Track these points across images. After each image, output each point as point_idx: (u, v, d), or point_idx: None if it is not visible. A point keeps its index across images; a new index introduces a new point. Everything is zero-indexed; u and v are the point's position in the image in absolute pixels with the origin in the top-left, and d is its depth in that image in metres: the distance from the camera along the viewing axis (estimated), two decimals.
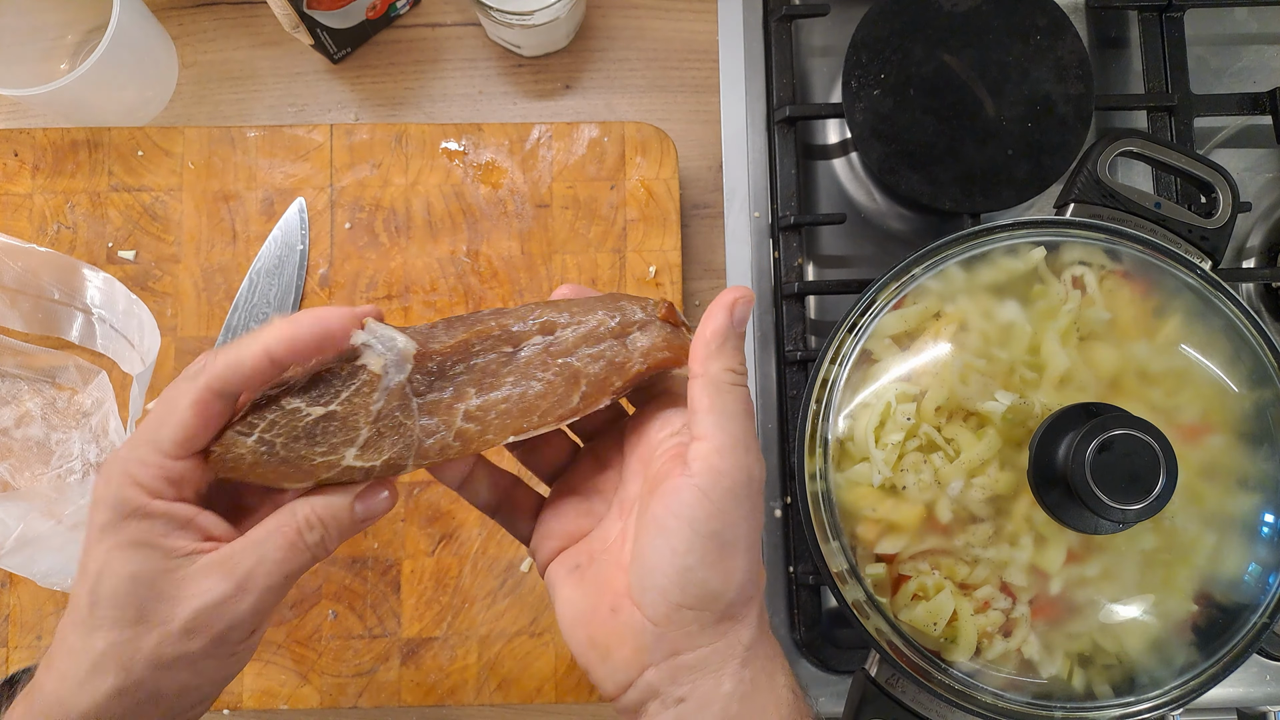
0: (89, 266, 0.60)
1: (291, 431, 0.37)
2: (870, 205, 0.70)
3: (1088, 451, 0.43)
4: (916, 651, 0.48)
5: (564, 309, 0.41)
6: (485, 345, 0.40)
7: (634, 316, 0.41)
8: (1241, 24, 0.73)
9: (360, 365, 0.37)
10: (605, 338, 0.40)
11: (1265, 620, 0.48)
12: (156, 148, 0.64)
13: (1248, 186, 0.71)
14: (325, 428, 0.37)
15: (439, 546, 0.61)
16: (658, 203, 0.64)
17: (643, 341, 0.40)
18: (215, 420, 0.37)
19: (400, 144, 0.64)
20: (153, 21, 0.65)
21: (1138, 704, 0.48)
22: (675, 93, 0.70)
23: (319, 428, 0.37)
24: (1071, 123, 0.63)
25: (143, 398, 0.57)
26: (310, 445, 0.37)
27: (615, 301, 0.41)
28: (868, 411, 0.49)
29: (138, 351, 0.59)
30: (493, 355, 0.40)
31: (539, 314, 0.41)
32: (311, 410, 0.37)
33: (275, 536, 0.36)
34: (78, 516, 0.56)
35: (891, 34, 0.63)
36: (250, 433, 0.37)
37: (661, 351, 0.40)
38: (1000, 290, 0.50)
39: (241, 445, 0.37)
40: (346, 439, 0.37)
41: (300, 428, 0.37)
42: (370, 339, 0.38)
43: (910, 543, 0.48)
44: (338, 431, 0.37)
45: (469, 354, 0.40)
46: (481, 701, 0.59)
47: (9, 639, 0.59)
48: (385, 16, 0.68)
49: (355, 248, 0.63)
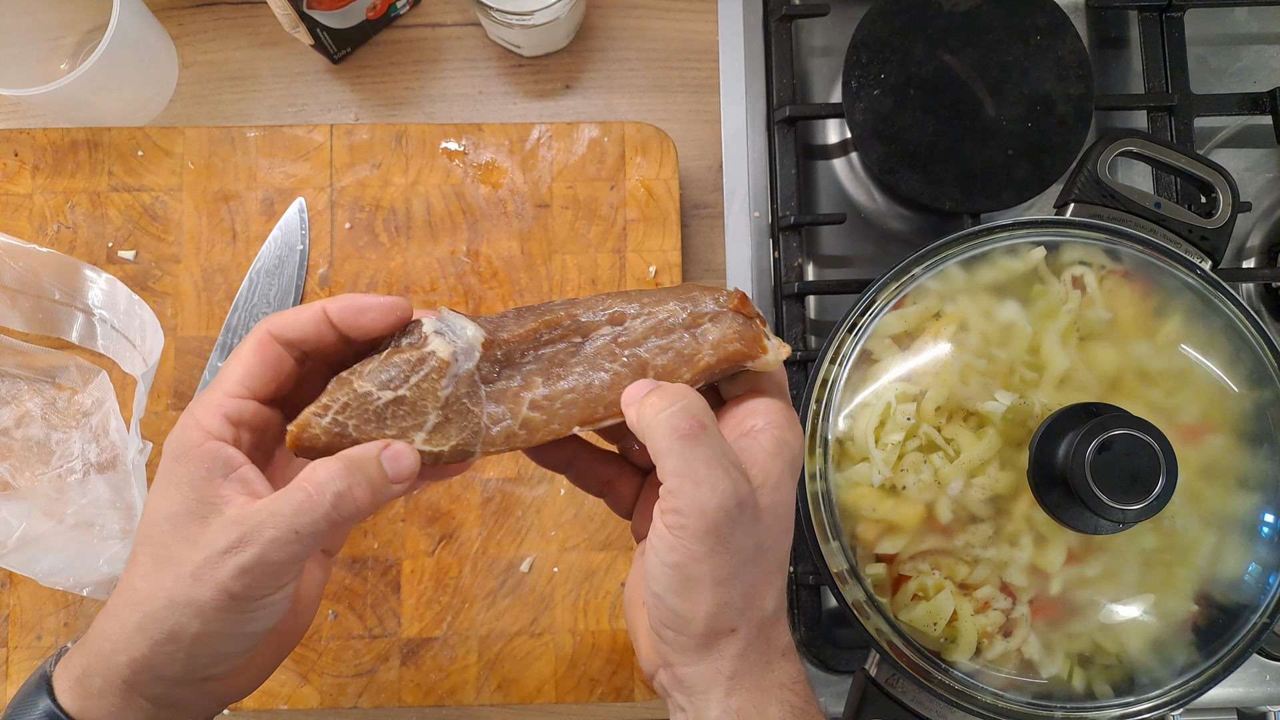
0: (90, 267, 0.60)
1: (363, 414, 0.38)
2: (870, 205, 0.70)
3: (1088, 451, 0.43)
4: (916, 651, 0.48)
5: (635, 299, 0.41)
6: (554, 335, 0.40)
7: (705, 308, 0.40)
8: (1241, 24, 0.73)
9: (430, 351, 0.38)
10: (675, 329, 0.40)
11: (1265, 620, 0.48)
12: (156, 148, 0.64)
13: (1248, 186, 0.71)
14: (395, 411, 0.38)
15: (439, 546, 0.61)
16: (658, 203, 0.64)
17: (714, 334, 0.40)
18: (275, 364, 0.38)
19: (400, 144, 0.64)
20: (153, 21, 0.65)
21: (1138, 704, 0.48)
22: (675, 93, 0.70)
23: (389, 410, 0.38)
24: (1071, 123, 0.63)
25: (146, 397, 0.57)
26: (380, 428, 0.38)
27: (688, 292, 0.41)
28: (868, 411, 0.49)
29: (139, 351, 0.59)
30: (561, 345, 0.40)
31: (609, 304, 0.41)
32: (382, 395, 0.38)
33: (291, 491, 0.36)
34: (79, 516, 0.56)
35: (891, 34, 0.63)
36: (324, 414, 0.38)
37: (732, 344, 0.39)
38: (1000, 290, 0.50)
39: (316, 425, 0.38)
40: (416, 423, 0.38)
41: (371, 410, 0.38)
42: (442, 326, 0.39)
43: (910, 543, 0.48)
44: (407, 415, 0.38)
45: (538, 343, 0.40)
46: (481, 702, 0.59)
47: (9, 639, 0.59)
48: (385, 16, 0.68)
49: (355, 248, 0.63)
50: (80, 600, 0.59)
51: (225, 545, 0.35)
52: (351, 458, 0.36)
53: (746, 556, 0.37)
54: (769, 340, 0.40)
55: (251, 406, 0.38)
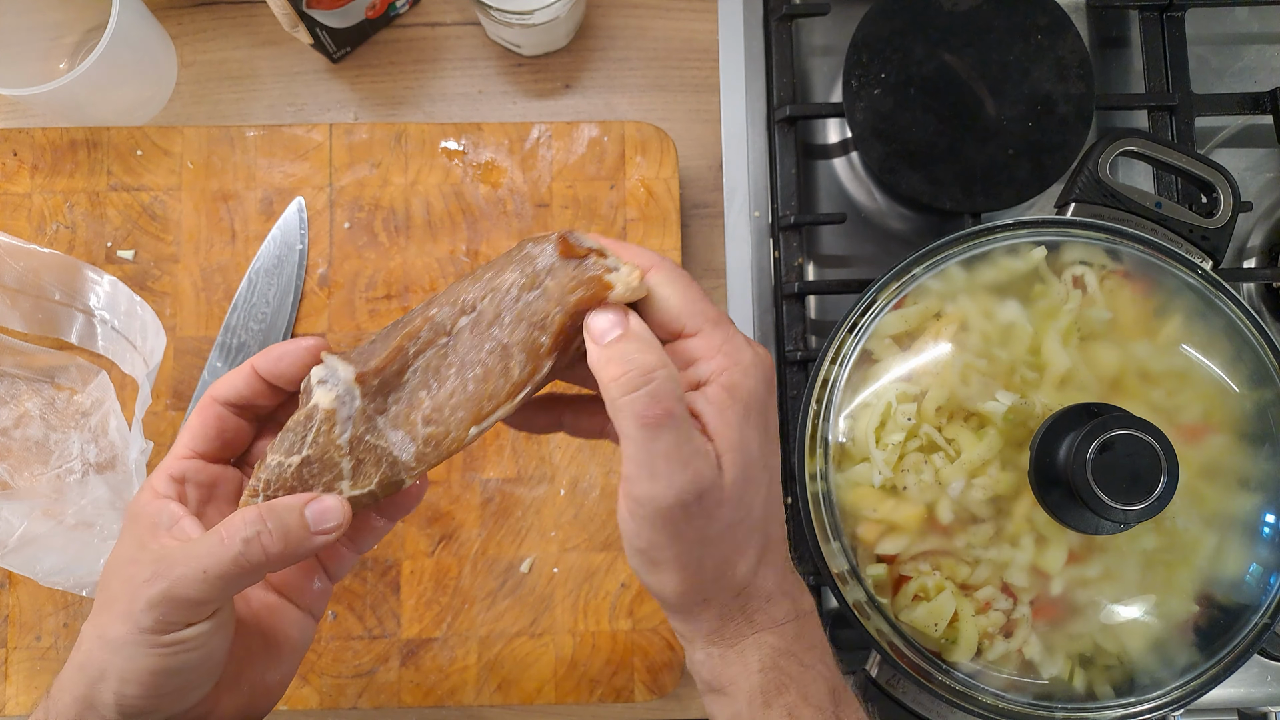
0: (92, 268, 0.60)
1: (286, 484, 0.38)
2: (870, 205, 0.70)
3: (1089, 452, 0.43)
4: (917, 652, 0.48)
5: (479, 278, 0.39)
6: (420, 344, 0.39)
7: (541, 264, 0.38)
8: (1242, 23, 0.73)
9: (314, 405, 0.38)
10: (520, 296, 0.38)
11: (1266, 621, 0.48)
12: (155, 147, 0.64)
13: (1248, 186, 0.71)
14: (310, 470, 0.38)
15: (439, 547, 0.60)
16: (657, 202, 0.64)
17: (554, 289, 0.37)
18: (217, 424, 0.41)
19: (400, 143, 0.64)
20: (152, 21, 0.65)
21: (1139, 704, 0.48)
22: (675, 92, 0.69)
23: (305, 472, 0.38)
24: (1072, 122, 0.63)
25: (149, 398, 0.57)
26: (310, 489, 0.38)
27: (521, 250, 0.39)
28: (868, 412, 0.49)
29: (140, 353, 0.59)
30: (431, 352, 0.39)
31: (458, 293, 0.39)
32: (291, 460, 0.38)
33: (208, 535, 0.37)
34: (79, 516, 0.56)
35: (892, 33, 0.63)
36: (256, 495, 0.39)
37: (573, 293, 0.37)
38: (1001, 290, 0.50)
39: (253, 504, 0.38)
40: (335, 475, 0.38)
41: (291, 477, 0.38)
42: (325, 373, 0.39)
43: (911, 543, 0.48)
44: (323, 471, 0.38)
45: (409, 358, 0.39)
46: (481, 702, 0.59)
47: (9, 639, 0.59)
48: (385, 16, 0.67)
49: (355, 247, 0.63)
50: (80, 601, 0.59)
51: (141, 579, 0.36)
52: (271, 507, 0.37)
53: (714, 536, 0.37)
54: (615, 272, 0.37)
55: (195, 464, 0.40)
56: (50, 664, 0.59)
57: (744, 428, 0.37)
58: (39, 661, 0.59)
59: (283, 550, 0.37)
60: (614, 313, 0.37)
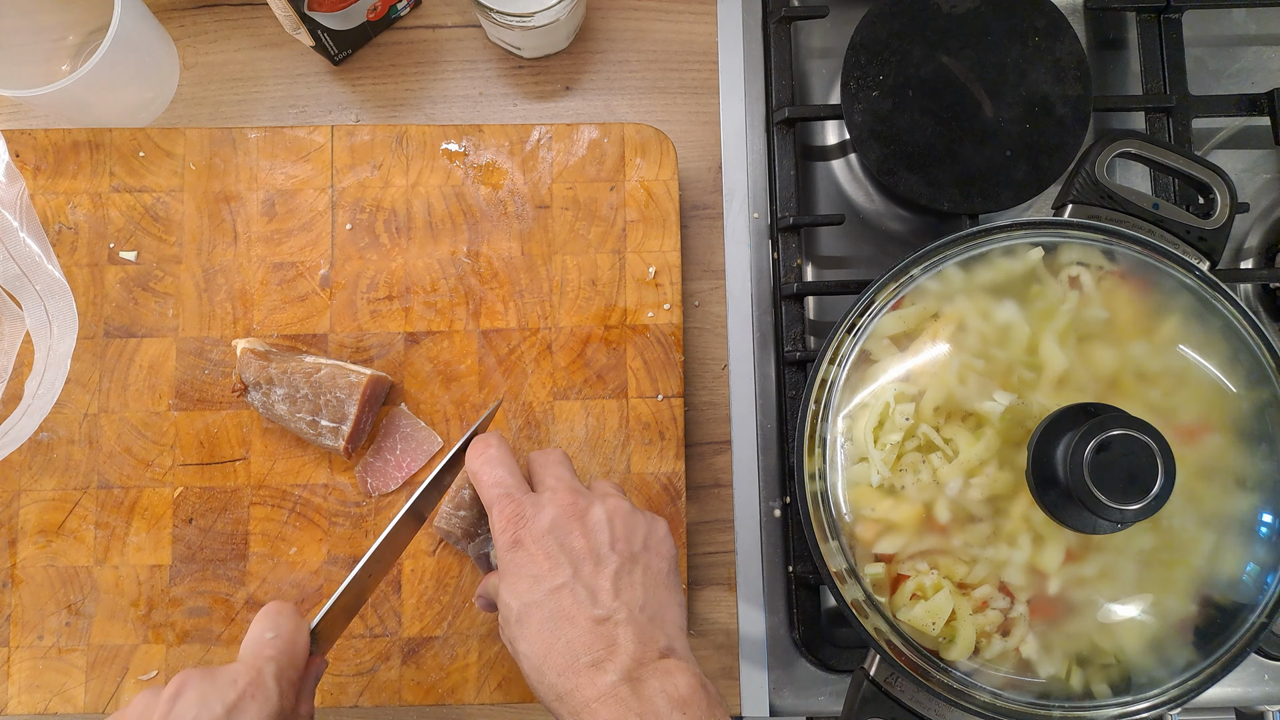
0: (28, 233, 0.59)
1: None
2: (869, 206, 0.70)
3: (1086, 451, 0.43)
4: (915, 651, 0.48)
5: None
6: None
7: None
8: (1240, 25, 0.73)
9: None
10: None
11: (1263, 620, 0.48)
12: (158, 149, 0.64)
13: (1245, 187, 0.71)
14: None
15: (439, 546, 0.61)
16: (657, 204, 0.64)
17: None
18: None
19: (401, 145, 0.64)
20: (154, 23, 0.65)
21: (1136, 703, 0.48)
22: (675, 94, 0.70)
23: None
24: (1070, 124, 0.63)
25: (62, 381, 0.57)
26: None
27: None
28: (866, 412, 0.49)
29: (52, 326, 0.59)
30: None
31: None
32: None
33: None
34: None
35: (890, 36, 0.64)
36: None
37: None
38: (998, 291, 0.50)
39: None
40: None
41: None
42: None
43: (909, 542, 0.48)
44: None
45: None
46: (482, 701, 0.60)
47: (10, 639, 0.59)
48: (386, 18, 0.68)
49: (356, 248, 0.63)
50: (81, 600, 0.59)
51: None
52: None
53: (542, 654, 0.46)
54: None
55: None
56: (52, 663, 0.59)
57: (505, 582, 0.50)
58: (41, 661, 0.59)
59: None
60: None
